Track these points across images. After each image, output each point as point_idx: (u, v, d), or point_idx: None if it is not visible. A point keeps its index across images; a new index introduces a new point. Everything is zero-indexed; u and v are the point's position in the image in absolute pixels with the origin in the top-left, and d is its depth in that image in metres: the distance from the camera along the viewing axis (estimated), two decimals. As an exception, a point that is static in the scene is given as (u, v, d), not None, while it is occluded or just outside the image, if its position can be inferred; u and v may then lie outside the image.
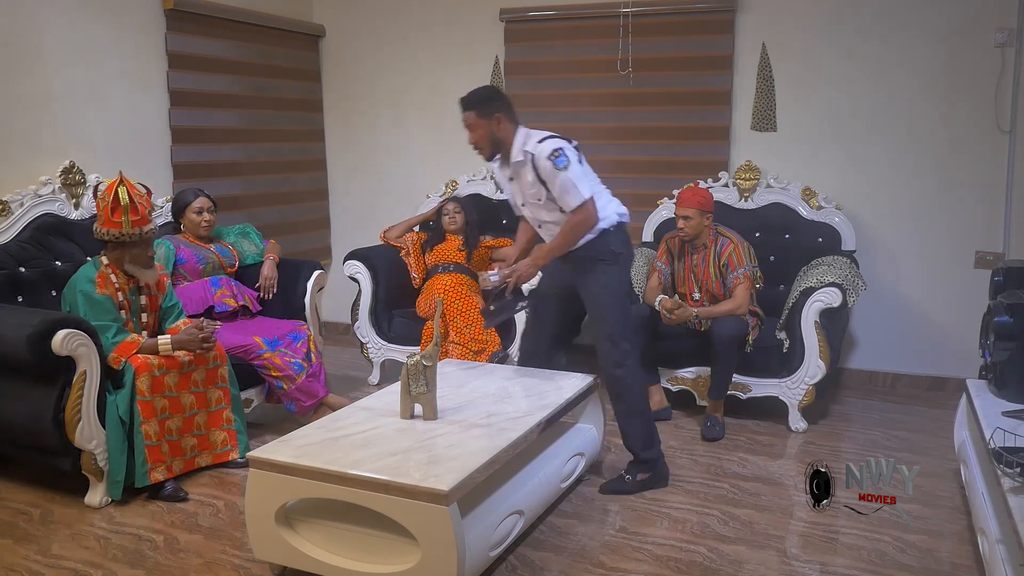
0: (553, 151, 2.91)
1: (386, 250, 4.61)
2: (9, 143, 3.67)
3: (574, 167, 2.92)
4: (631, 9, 4.66)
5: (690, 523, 2.92)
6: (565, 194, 2.94)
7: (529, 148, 2.97)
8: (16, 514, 3.00)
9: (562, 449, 3.07)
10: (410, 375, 2.70)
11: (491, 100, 3.05)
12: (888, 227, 4.44)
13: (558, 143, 2.94)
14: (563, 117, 4.97)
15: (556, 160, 2.90)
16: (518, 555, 2.69)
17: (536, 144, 2.96)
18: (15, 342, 2.90)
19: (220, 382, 3.35)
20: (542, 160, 2.93)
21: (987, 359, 3.11)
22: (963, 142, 4.26)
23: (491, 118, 3.01)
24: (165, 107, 4.44)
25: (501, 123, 3.01)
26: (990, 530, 2.39)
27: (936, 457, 3.47)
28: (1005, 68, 4.13)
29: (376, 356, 4.56)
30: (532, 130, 3.05)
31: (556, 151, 2.91)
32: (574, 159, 2.94)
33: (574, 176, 2.92)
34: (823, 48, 4.45)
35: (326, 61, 5.53)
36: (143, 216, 3.16)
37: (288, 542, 2.44)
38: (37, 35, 3.77)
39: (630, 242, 3.18)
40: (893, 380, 4.53)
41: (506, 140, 3.03)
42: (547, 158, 2.91)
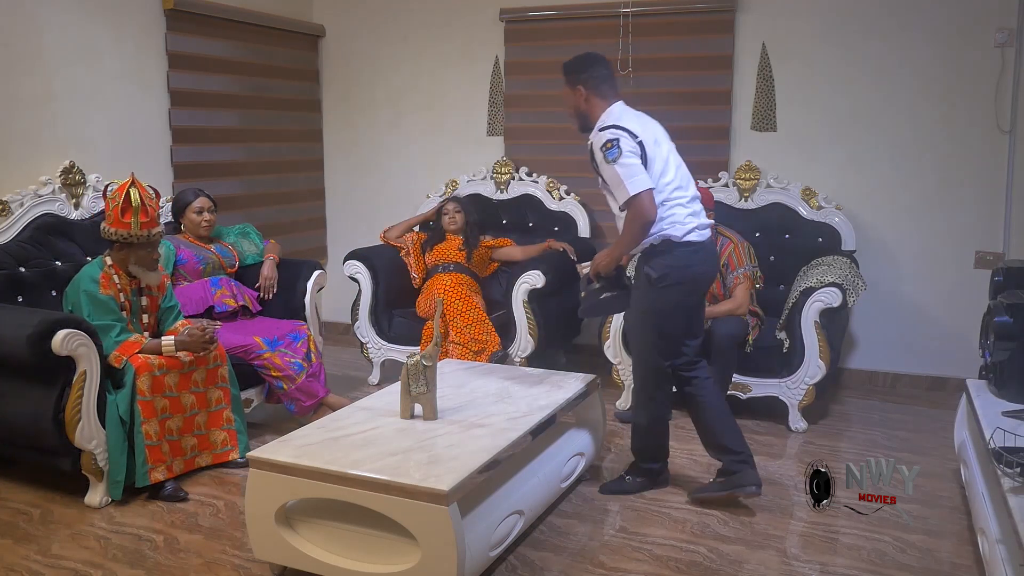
0: (606, 142, 2.73)
1: (386, 250, 4.61)
2: (9, 143, 3.67)
3: (625, 161, 2.70)
4: (631, 9, 4.66)
5: (690, 523, 2.92)
6: (614, 188, 2.76)
7: (593, 134, 2.82)
8: (16, 514, 3.00)
9: (562, 449, 3.07)
10: (410, 375, 2.70)
11: (577, 69, 2.90)
12: (888, 227, 4.44)
13: (614, 135, 2.73)
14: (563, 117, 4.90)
15: (607, 152, 2.72)
16: (518, 555, 2.69)
17: (597, 132, 2.79)
18: (15, 342, 2.90)
19: (220, 382, 3.35)
20: (596, 150, 2.78)
21: (987, 359, 3.11)
22: (963, 142, 4.26)
23: (574, 89, 2.87)
24: (165, 107, 4.44)
25: (583, 96, 2.87)
26: (990, 530, 2.39)
27: (936, 457, 3.47)
28: (1005, 68, 4.13)
29: (376, 356, 4.56)
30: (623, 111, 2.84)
31: (609, 143, 2.72)
32: (627, 151, 2.71)
33: (622, 170, 2.71)
34: (823, 48, 4.45)
35: (326, 61, 5.53)
36: (152, 219, 3.16)
37: (288, 542, 2.44)
38: (37, 35, 3.77)
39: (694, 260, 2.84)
40: (893, 380, 4.53)
41: (591, 116, 2.87)
42: (600, 148, 2.75)
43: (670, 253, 2.82)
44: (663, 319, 2.89)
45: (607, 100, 2.87)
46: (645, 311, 2.90)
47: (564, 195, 4.85)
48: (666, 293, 2.84)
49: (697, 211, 2.88)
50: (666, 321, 2.90)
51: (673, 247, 2.81)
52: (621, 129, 2.74)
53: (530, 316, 4.19)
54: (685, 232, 2.80)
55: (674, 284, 2.83)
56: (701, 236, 2.85)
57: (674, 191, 2.82)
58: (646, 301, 2.87)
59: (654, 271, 2.81)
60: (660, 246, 2.82)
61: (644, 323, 2.91)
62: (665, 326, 2.91)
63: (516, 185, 4.95)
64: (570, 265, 4.43)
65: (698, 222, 2.84)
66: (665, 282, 2.82)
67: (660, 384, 3.00)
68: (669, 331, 2.92)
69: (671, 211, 2.80)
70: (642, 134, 2.78)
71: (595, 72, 2.87)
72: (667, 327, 2.91)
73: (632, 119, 2.83)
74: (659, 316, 2.88)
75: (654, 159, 2.78)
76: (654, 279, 2.82)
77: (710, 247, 2.94)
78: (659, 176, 2.80)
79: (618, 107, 2.86)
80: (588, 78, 2.86)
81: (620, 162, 2.71)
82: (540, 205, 4.89)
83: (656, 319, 2.89)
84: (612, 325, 4.06)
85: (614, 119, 2.80)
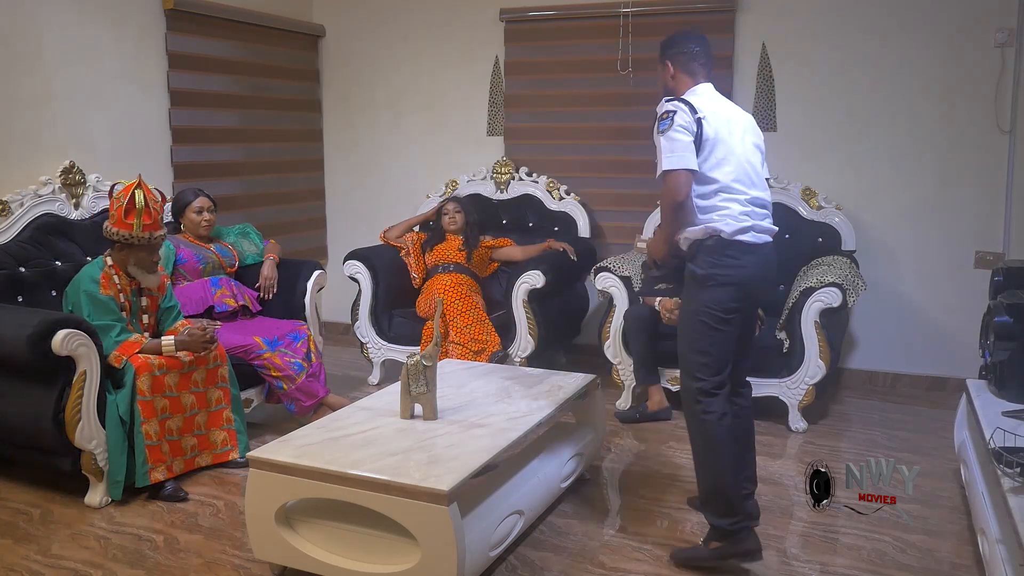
0: (662, 113, 2.53)
1: (386, 250, 4.61)
2: (9, 143, 3.67)
3: (673, 134, 2.48)
4: (631, 9, 4.66)
5: (690, 523, 2.92)
6: (657, 160, 2.54)
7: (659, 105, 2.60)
8: (16, 514, 3.00)
9: (562, 449, 3.07)
10: (410, 375, 2.70)
11: (668, 44, 2.73)
12: (888, 227, 4.44)
13: (674, 107, 2.52)
14: (563, 117, 4.97)
15: (660, 123, 2.52)
16: (518, 555, 2.69)
17: (663, 102, 2.57)
18: (15, 342, 2.90)
19: (220, 382, 3.35)
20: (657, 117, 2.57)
21: (987, 359, 3.11)
22: (963, 142, 4.26)
23: (663, 63, 2.73)
24: (165, 107, 4.44)
25: (670, 72, 2.70)
26: (990, 530, 2.39)
27: (936, 457, 3.47)
28: (1005, 68, 4.13)
29: (376, 356, 4.56)
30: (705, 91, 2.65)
31: (666, 113, 2.52)
32: (679, 125, 2.49)
33: (666, 143, 2.49)
34: (823, 48, 4.45)
35: (326, 61, 5.53)
36: (155, 221, 3.16)
37: (288, 542, 2.44)
38: (37, 35, 3.76)
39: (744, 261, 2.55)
40: (893, 380, 4.53)
41: (677, 92, 2.65)
42: (658, 118, 2.54)
43: (718, 251, 2.55)
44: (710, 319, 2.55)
45: (695, 79, 2.68)
46: (689, 311, 2.62)
47: (564, 195, 4.85)
48: (714, 294, 2.55)
49: (756, 213, 2.59)
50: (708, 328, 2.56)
51: (723, 245, 2.54)
52: (683, 102, 2.55)
53: (530, 316, 4.19)
54: (736, 230, 2.52)
55: (721, 285, 2.55)
56: (756, 238, 2.57)
57: (732, 182, 2.56)
58: (692, 298, 2.61)
59: (699, 268, 2.57)
60: (708, 241, 2.56)
61: (689, 325, 2.61)
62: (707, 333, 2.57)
63: (516, 185, 4.95)
64: (570, 265, 4.43)
65: (754, 223, 2.57)
66: (711, 282, 2.55)
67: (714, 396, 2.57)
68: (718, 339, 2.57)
69: (724, 204, 2.55)
70: (708, 112, 2.55)
71: (685, 48, 2.69)
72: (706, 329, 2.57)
73: (706, 99, 2.62)
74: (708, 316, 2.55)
75: (716, 142, 2.54)
76: (699, 277, 2.57)
77: (766, 252, 2.62)
78: (717, 164, 2.55)
79: (704, 88, 2.67)
80: (677, 54, 2.69)
81: (667, 134, 2.50)
82: (540, 205, 4.89)
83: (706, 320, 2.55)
84: (612, 325, 4.06)
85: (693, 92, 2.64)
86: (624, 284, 4.03)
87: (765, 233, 2.61)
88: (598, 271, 4.09)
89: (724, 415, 2.55)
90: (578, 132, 4.94)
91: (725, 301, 2.54)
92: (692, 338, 2.58)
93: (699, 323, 2.55)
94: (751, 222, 2.56)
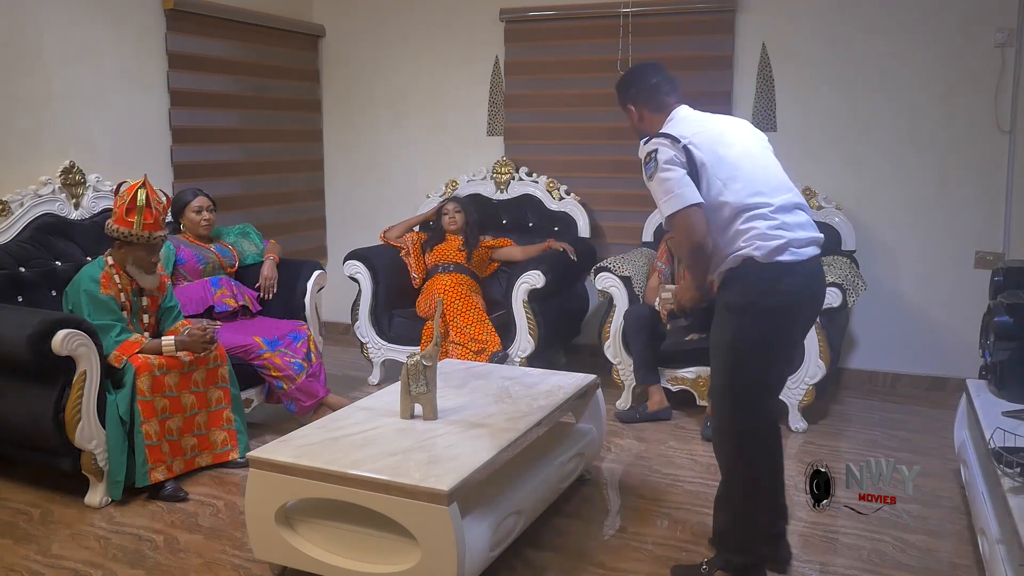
0: (644, 157, 2.35)
1: (386, 250, 4.61)
2: (9, 143, 3.67)
3: (662, 175, 2.29)
4: (631, 9, 4.66)
5: (690, 523, 2.92)
6: (658, 206, 2.36)
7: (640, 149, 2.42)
8: (16, 514, 3.00)
9: (562, 449, 3.07)
10: (410, 375, 2.70)
11: (624, 88, 2.57)
12: (888, 227, 4.44)
13: (653, 146, 2.33)
14: (563, 117, 4.97)
15: (645, 168, 2.34)
16: (518, 555, 2.69)
17: (641, 145, 2.40)
18: (15, 342, 2.90)
19: (220, 382, 3.35)
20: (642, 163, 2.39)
21: (987, 359, 3.11)
22: (963, 142, 4.26)
23: (625, 108, 2.56)
24: (165, 107, 4.44)
25: (636, 116, 2.54)
26: (990, 530, 2.39)
27: (936, 457, 3.47)
28: (1005, 68, 4.13)
29: (376, 356, 4.56)
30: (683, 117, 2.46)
31: (647, 156, 2.34)
32: (664, 162, 2.29)
33: (658, 186, 2.30)
34: (823, 48, 4.45)
35: (326, 61, 5.53)
36: (155, 221, 3.16)
37: (288, 542, 2.44)
38: (37, 35, 3.76)
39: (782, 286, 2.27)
40: (893, 380, 4.53)
41: (652, 132, 2.44)
42: (642, 162, 2.37)
43: (752, 277, 2.28)
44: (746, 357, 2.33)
45: (664, 111, 2.49)
46: (724, 346, 2.35)
47: (564, 195, 4.85)
48: (751, 323, 2.30)
49: (788, 223, 2.31)
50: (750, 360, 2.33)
51: (759, 268, 2.27)
52: (663, 137, 2.34)
53: (530, 316, 4.19)
54: (770, 251, 2.25)
55: (761, 314, 2.29)
56: (796, 255, 2.28)
57: (751, 198, 2.29)
58: (726, 333, 2.34)
59: (732, 297, 2.31)
60: (740, 268, 2.30)
61: (724, 362, 2.37)
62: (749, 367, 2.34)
63: (516, 185, 4.95)
64: (570, 265, 4.43)
65: (790, 236, 2.27)
66: (751, 311, 2.29)
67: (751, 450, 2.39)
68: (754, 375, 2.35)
69: (748, 226, 2.28)
70: (693, 135, 2.34)
71: (642, 85, 2.52)
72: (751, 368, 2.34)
73: (688, 123, 2.42)
74: (740, 353, 2.32)
75: (713, 164, 2.31)
76: (733, 307, 2.32)
77: (812, 268, 2.35)
78: (724, 185, 2.30)
79: (679, 112, 2.48)
80: (636, 94, 2.53)
81: (656, 176, 2.29)
82: (540, 205, 4.89)
83: (737, 357, 2.33)
84: (612, 325, 4.06)
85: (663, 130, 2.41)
86: (624, 284, 4.03)
87: (807, 246, 2.32)
88: (598, 271, 4.09)
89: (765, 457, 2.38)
90: (578, 132, 4.94)
91: (766, 331, 2.30)
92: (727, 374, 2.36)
93: (733, 356, 2.33)
94: (786, 237, 2.27)
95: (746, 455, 2.37)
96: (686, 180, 2.28)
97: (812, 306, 2.43)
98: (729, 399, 2.37)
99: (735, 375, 2.35)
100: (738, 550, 2.41)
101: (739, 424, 2.37)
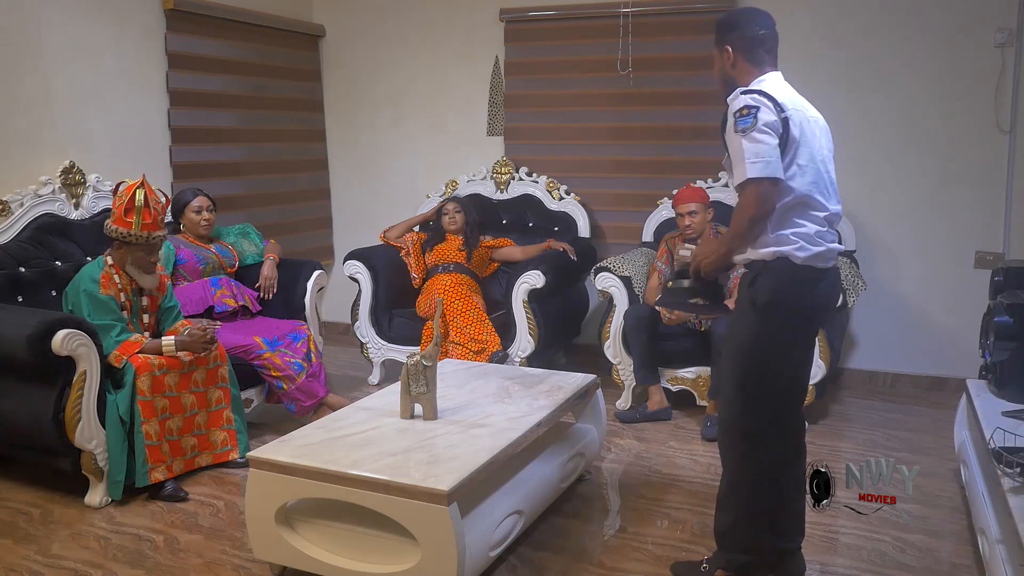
0: (743, 108, 2.19)
1: (386, 250, 4.61)
2: (9, 143, 3.67)
3: (757, 135, 2.15)
4: (631, 9, 4.66)
5: (690, 523, 2.92)
6: (734, 164, 2.22)
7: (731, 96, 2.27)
8: (16, 514, 3.00)
9: (562, 449, 3.07)
10: (410, 375, 2.70)
11: (726, 26, 2.38)
12: (888, 227, 4.44)
13: (756, 102, 2.19)
14: (563, 117, 4.97)
15: (739, 120, 2.18)
16: (518, 555, 2.69)
17: (738, 94, 2.25)
18: (15, 342, 2.90)
19: (220, 382, 3.35)
20: (730, 114, 2.23)
21: (987, 359, 3.11)
22: (963, 142, 4.26)
23: (720, 49, 2.38)
24: (165, 107, 4.44)
25: (730, 60, 2.36)
26: (990, 530, 2.39)
27: (936, 457, 3.47)
28: (1005, 68, 4.13)
29: (376, 356, 4.56)
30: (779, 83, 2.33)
31: (746, 109, 2.18)
32: (763, 125, 2.16)
33: (749, 145, 2.15)
34: (823, 48, 4.45)
35: (326, 61, 5.53)
36: (154, 222, 3.16)
37: (288, 542, 2.44)
38: (37, 35, 3.76)
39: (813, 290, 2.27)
40: (893, 380, 4.53)
41: (739, 82, 2.32)
42: (733, 113, 2.21)
43: (785, 276, 2.24)
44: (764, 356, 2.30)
45: (759, 67, 2.34)
46: (743, 343, 2.31)
47: (564, 195, 4.85)
48: (776, 322, 2.27)
49: (831, 233, 2.30)
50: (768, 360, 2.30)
51: (791, 269, 2.23)
52: (766, 97, 2.21)
53: (530, 316, 4.19)
54: (809, 255, 2.22)
55: (790, 313, 2.27)
56: (827, 263, 2.28)
57: (813, 195, 2.24)
58: (747, 330, 2.29)
59: (760, 294, 2.25)
60: (773, 264, 2.25)
61: (740, 360, 2.32)
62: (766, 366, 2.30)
63: (516, 185, 4.95)
64: (570, 265, 4.43)
65: (829, 246, 2.26)
66: (777, 309, 2.25)
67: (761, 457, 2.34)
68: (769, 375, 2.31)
69: (800, 222, 2.23)
70: (792, 111, 2.24)
71: (749, 31, 2.34)
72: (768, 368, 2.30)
73: (783, 91, 2.30)
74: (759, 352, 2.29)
75: (800, 146, 2.23)
76: (759, 304, 2.26)
77: (835, 276, 2.36)
78: (799, 170, 2.23)
79: (773, 77, 2.34)
80: (738, 38, 2.34)
81: (751, 135, 2.16)
82: (540, 205, 4.89)
83: (755, 355, 2.29)
84: (612, 325, 4.06)
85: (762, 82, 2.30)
86: (624, 284, 4.03)
87: (834, 258, 2.32)
88: (598, 271, 4.09)
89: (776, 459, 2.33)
90: (578, 132, 4.94)
91: (788, 331, 2.29)
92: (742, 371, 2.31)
93: (752, 354, 2.29)
94: (826, 245, 2.25)
95: (752, 455, 2.34)
96: (777, 152, 2.18)
97: (829, 314, 2.47)
98: (741, 398, 2.33)
99: (750, 374, 2.31)
100: (740, 549, 2.40)
101: (747, 424, 2.33)
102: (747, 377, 2.31)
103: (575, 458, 3.10)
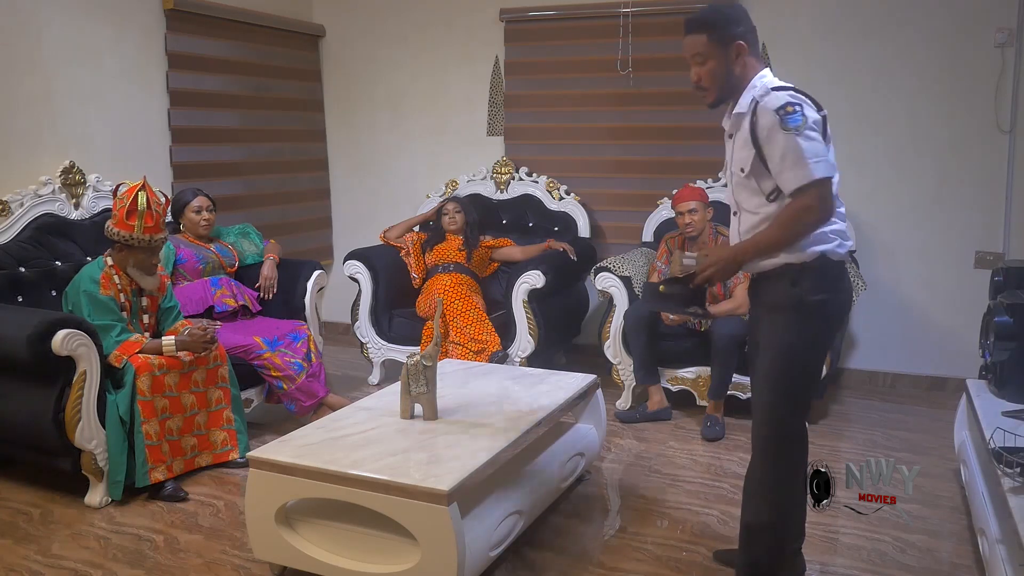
0: (785, 104, 2.09)
1: (386, 250, 4.61)
2: (9, 143, 3.67)
3: (810, 134, 2.07)
4: (631, 9, 4.66)
5: (690, 523, 2.92)
6: (786, 166, 2.09)
7: (757, 95, 2.17)
8: (16, 514, 3.00)
9: (562, 449, 3.07)
10: (410, 375, 2.70)
11: (730, 21, 2.24)
12: (888, 227, 4.44)
13: (796, 98, 2.10)
14: (563, 117, 4.97)
15: (786, 117, 2.07)
16: (518, 555, 2.69)
17: (767, 92, 2.15)
18: (15, 342, 2.90)
19: (220, 382, 3.35)
20: (766, 113, 2.11)
21: (987, 359, 3.11)
22: (963, 142, 4.26)
23: (726, 47, 2.22)
24: (165, 107, 4.44)
25: (742, 56, 2.23)
26: (990, 530, 2.39)
27: (936, 457, 3.47)
28: (1005, 68, 4.13)
29: (376, 356, 4.56)
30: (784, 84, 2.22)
31: (790, 106, 2.08)
32: (813, 122, 2.08)
33: (806, 144, 2.06)
34: (823, 48, 4.45)
35: (326, 61, 5.53)
36: (156, 224, 3.16)
37: (288, 542, 2.44)
38: (37, 35, 3.76)
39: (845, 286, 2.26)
40: (893, 380, 4.53)
41: (743, 81, 2.24)
42: (774, 111, 2.09)
43: (829, 273, 2.19)
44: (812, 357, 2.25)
45: (760, 62, 2.28)
46: (793, 346, 2.21)
47: (564, 195, 4.85)
48: (821, 321, 2.22)
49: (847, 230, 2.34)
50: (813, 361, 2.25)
51: (830, 267, 2.19)
52: (804, 96, 2.13)
53: (530, 316, 4.19)
54: (844, 252, 2.21)
55: (833, 311, 2.25)
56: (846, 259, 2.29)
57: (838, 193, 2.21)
58: (792, 331, 2.20)
59: (810, 294, 2.17)
60: (813, 263, 2.17)
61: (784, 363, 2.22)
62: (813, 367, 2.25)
63: (516, 185, 4.95)
64: (570, 265, 4.43)
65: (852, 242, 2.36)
66: (824, 310, 2.20)
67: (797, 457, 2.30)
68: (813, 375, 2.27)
69: (834, 220, 2.18)
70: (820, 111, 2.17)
71: (750, 24, 2.27)
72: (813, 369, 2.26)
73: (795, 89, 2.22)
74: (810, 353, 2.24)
75: (831, 148, 2.17)
76: (807, 304, 2.17)
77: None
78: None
79: (770, 73, 2.28)
80: (746, 33, 2.24)
81: (805, 133, 2.06)
82: (540, 205, 4.89)
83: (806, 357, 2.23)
84: (612, 325, 4.06)
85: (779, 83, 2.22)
86: (624, 284, 4.02)
87: None
88: (598, 271, 4.09)
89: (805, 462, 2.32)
90: (578, 132, 4.94)
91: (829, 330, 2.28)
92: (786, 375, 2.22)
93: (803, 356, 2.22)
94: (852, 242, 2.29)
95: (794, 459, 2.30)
96: (827, 150, 2.12)
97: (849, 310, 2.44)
98: (786, 403, 2.24)
99: (796, 375, 2.23)
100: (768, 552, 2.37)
101: (793, 427, 2.27)
102: (793, 380, 2.23)
103: (575, 458, 3.10)
